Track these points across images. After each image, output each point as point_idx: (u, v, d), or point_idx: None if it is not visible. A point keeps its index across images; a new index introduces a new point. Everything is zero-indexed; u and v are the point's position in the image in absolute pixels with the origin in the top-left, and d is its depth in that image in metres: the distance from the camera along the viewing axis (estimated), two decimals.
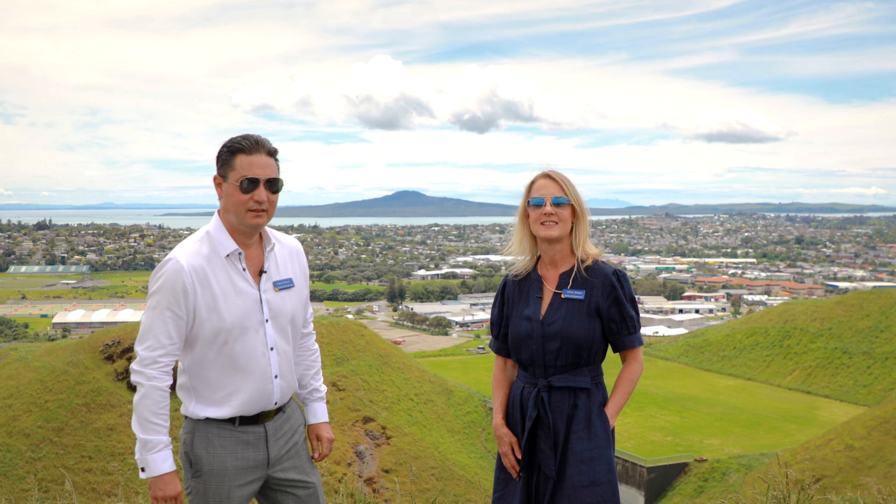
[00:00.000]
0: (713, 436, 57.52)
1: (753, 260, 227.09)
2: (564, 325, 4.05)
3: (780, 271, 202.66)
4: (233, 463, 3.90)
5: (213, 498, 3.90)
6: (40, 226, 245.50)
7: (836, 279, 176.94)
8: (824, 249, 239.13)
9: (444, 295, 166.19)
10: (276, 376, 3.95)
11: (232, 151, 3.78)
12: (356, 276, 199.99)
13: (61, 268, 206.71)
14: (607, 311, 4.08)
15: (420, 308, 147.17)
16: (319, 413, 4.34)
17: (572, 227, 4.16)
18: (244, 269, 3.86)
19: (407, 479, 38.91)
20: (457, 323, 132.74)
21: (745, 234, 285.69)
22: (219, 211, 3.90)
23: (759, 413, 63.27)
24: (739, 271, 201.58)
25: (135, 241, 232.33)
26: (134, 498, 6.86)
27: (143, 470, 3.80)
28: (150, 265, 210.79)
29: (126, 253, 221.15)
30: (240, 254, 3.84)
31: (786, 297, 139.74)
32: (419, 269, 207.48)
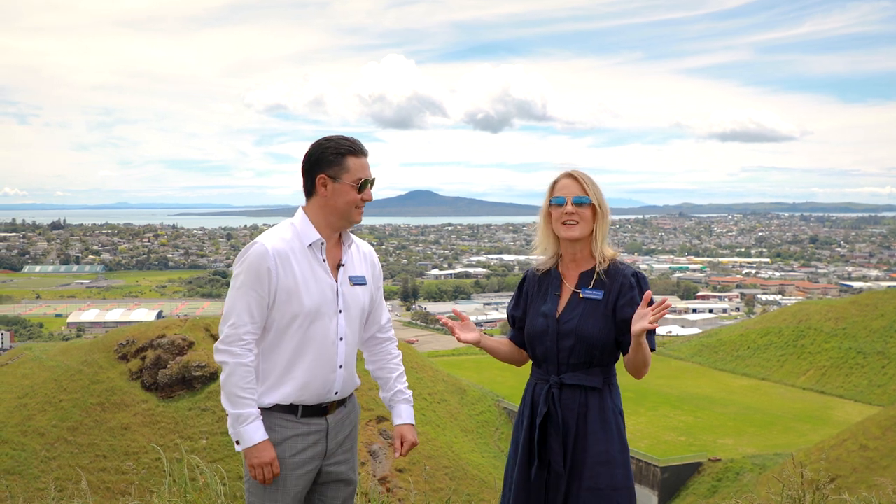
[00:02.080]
0: (727, 435, 57.38)
1: (767, 259, 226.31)
2: (580, 323, 4.05)
3: (795, 271, 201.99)
4: (291, 454, 4.05)
5: (271, 484, 4.04)
6: (55, 225, 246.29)
7: (850, 279, 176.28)
8: (839, 249, 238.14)
9: (458, 294, 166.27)
10: (340, 366, 4.16)
11: (342, 153, 4.05)
12: None
13: (75, 267, 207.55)
14: (621, 311, 4.04)
15: (433, 307, 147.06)
16: (405, 415, 4.49)
17: (595, 228, 4.16)
18: (324, 260, 4.10)
19: (420, 479, 38.95)
20: None
21: (759, 233, 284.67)
22: (304, 207, 4.16)
23: (773, 413, 63.07)
24: (753, 271, 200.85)
25: (149, 241, 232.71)
26: (148, 497, 6.88)
27: (237, 443, 3.98)
28: (164, 265, 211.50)
29: (140, 252, 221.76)
30: (322, 244, 4.08)
31: (800, 297, 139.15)
32: (432, 268, 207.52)
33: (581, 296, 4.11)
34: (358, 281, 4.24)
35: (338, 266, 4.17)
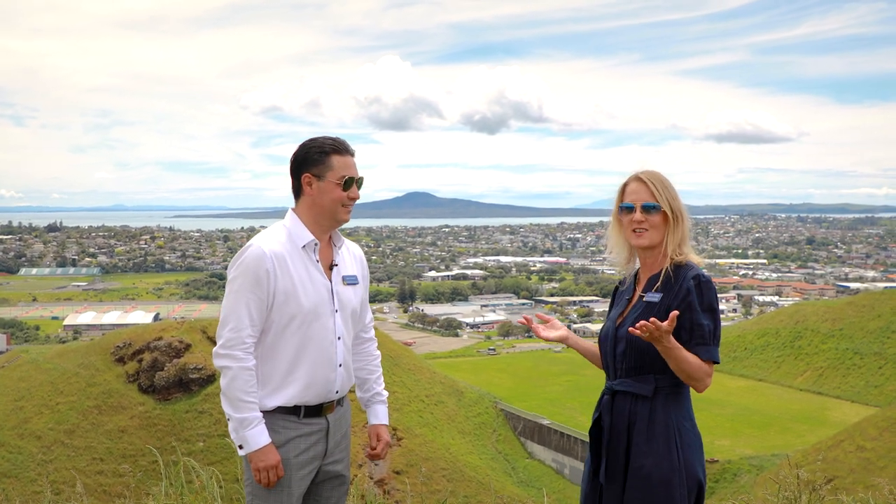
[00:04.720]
0: (724, 436, 57.37)
1: (764, 261, 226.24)
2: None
3: (791, 272, 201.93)
4: (295, 455, 4.07)
5: (275, 486, 4.05)
6: (51, 228, 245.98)
7: (847, 280, 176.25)
8: (835, 250, 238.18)
9: (455, 296, 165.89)
10: (339, 365, 4.19)
11: (325, 152, 4.09)
12: None
13: (72, 270, 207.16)
14: (679, 317, 3.75)
15: (431, 309, 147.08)
16: (381, 415, 4.59)
17: (667, 234, 3.97)
18: (317, 261, 4.12)
19: (418, 481, 38.86)
20: (467, 324, 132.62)
21: (756, 234, 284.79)
22: (293, 209, 4.18)
23: (771, 414, 63.13)
24: (750, 272, 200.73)
25: (145, 243, 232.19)
26: (144, 499, 6.87)
27: (240, 447, 3.99)
28: (161, 267, 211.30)
29: (137, 255, 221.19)
30: (316, 245, 4.12)
31: (797, 298, 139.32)
32: (430, 270, 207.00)
33: (644, 299, 3.97)
34: (351, 280, 4.29)
35: (330, 266, 4.20)
